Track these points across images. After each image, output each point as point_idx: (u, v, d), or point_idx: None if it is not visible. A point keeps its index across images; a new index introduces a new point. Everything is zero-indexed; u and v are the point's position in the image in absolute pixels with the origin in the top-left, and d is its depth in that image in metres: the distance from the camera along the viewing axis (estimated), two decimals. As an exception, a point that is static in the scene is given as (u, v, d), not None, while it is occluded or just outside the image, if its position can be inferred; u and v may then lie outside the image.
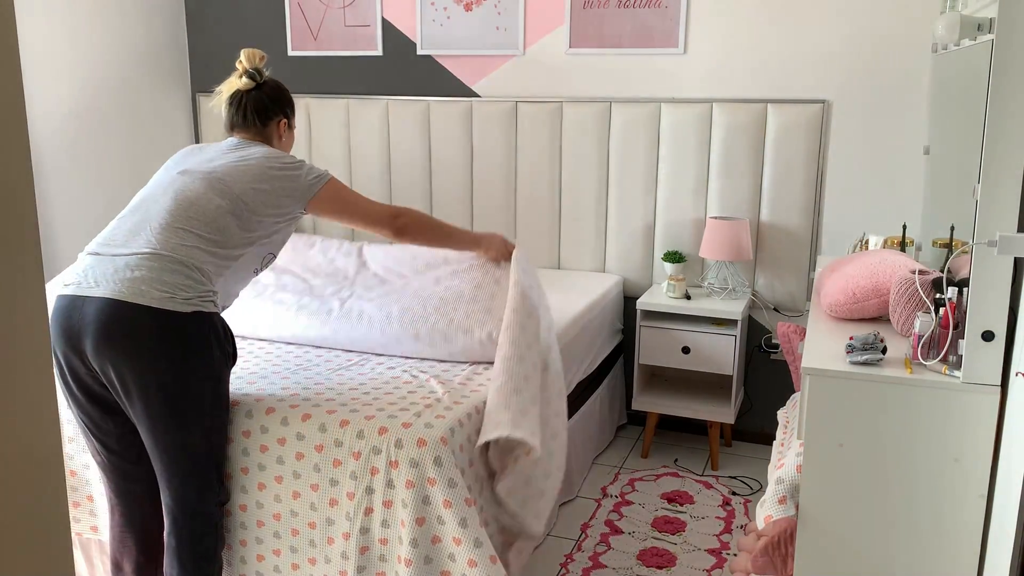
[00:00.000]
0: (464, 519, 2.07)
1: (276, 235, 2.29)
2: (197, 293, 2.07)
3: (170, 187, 2.21)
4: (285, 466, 2.20)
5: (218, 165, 2.25)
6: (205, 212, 2.14)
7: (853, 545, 1.89)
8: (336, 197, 2.32)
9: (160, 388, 2.02)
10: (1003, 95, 1.63)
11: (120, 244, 2.12)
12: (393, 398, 2.31)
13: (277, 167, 2.27)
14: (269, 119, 2.43)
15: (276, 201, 2.23)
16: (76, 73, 3.80)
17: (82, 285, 2.07)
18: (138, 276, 2.03)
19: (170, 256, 2.07)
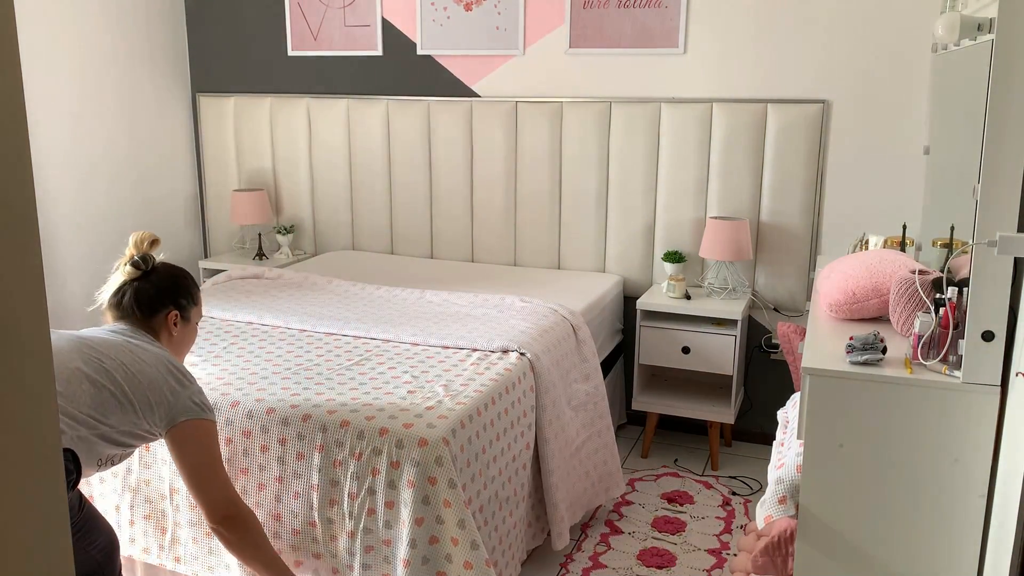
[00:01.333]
0: (462, 520, 2.07)
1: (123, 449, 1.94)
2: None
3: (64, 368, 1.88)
4: (286, 466, 2.20)
5: (94, 338, 1.97)
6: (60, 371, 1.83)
7: (853, 545, 1.89)
8: (207, 439, 1.98)
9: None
10: (1003, 95, 1.63)
11: None
12: (393, 398, 2.31)
13: (167, 369, 1.98)
14: (155, 312, 2.08)
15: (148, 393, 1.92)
16: (76, 73, 3.80)
17: None
18: None
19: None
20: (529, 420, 2.58)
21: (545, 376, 2.66)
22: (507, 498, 2.43)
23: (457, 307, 3.14)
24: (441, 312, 3.08)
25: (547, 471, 2.64)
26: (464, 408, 2.27)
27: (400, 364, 2.59)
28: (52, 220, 3.73)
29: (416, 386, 2.40)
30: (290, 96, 4.22)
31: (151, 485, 2.36)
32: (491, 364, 2.56)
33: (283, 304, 3.17)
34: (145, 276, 2.11)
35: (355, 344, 2.76)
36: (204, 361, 2.60)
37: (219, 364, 2.58)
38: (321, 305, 3.17)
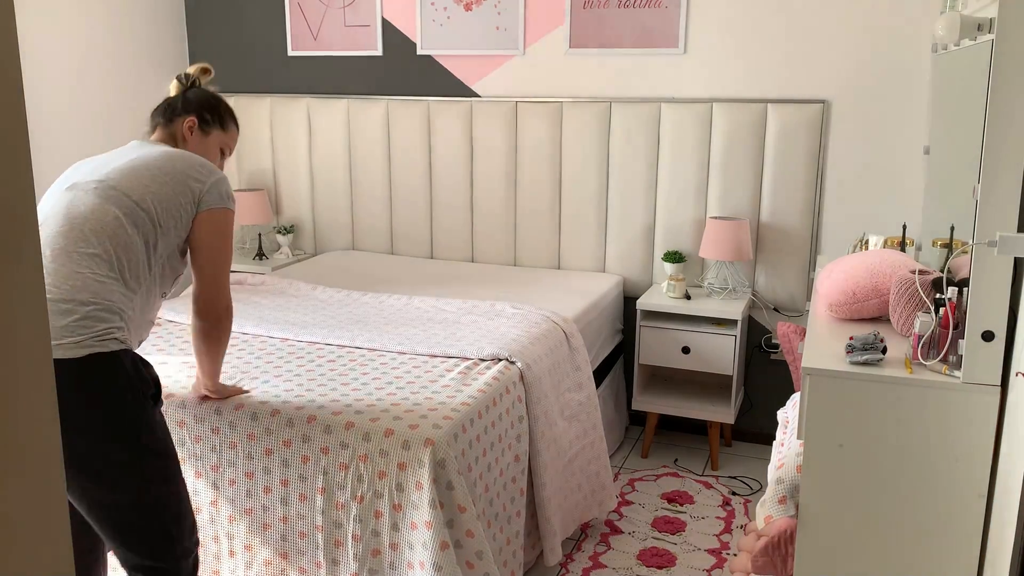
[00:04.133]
0: (471, 528, 2.06)
1: (172, 257, 1.98)
2: (92, 333, 1.76)
3: (58, 206, 1.90)
4: (290, 469, 2.19)
5: (109, 171, 1.94)
6: (102, 226, 1.85)
7: (853, 545, 1.89)
8: (223, 228, 1.99)
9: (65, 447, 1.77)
10: (1003, 95, 1.63)
11: None
12: (396, 399, 2.29)
13: (184, 165, 1.97)
14: (175, 116, 2.11)
15: (176, 204, 1.93)
16: (76, 73, 3.80)
17: None
18: None
19: (58, 292, 1.77)
20: (518, 431, 2.50)
21: (536, 386, 2.60)
22: (496, 514, 2.35)
23: (446, 314, 3.06)
24: (429, 319, 2.99)
25: (539, 484, 2.57)
26: (470, 409, 2.26)
27: (403, 365, 2.55)
28: (52, 220, 3.73)
29: (419, 387, 2.37)
30: (290, 96, 4.22)
31: None
32: (479, 374, 2.48)
33: (264, 312, 3.05)
34: (183, 91, 2.16)
35: (339, 354, 2.65)
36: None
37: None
38: (304, 312, 3.07)
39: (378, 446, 2.10)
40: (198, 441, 2.27)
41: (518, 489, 2.48)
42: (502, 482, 2.39)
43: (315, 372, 2.49)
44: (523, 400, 2.55)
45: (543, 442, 2.60)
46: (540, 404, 2.60)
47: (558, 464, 2.70)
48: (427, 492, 2.04)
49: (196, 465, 2.28)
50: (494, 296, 3.35)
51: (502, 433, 2.40)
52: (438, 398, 2.29)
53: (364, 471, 2.11)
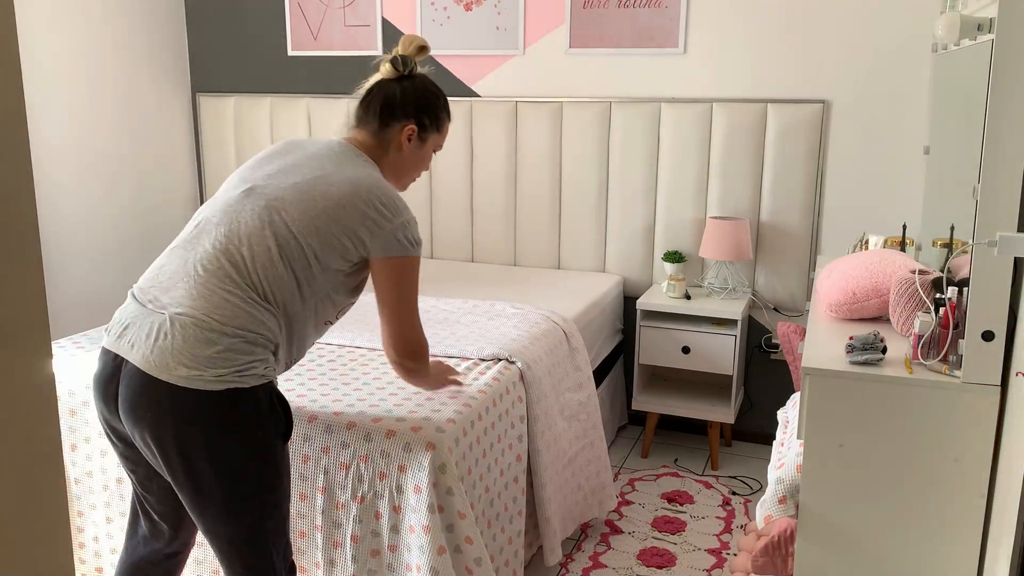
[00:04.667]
0: (470, 535, 2.06)
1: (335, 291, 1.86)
2: (235, 368, 1.70)
3: (227, 213, 1.81)
4: (291, 468, 2.18)
5: (287, 184, 1.82)
6: (258, 256, 1.75)
7: (853, 545, 1.89)
8: (404, 275, 1.87)
9: (189, 474, 1.71)
10: (1003, 95, 1.63)
11: (162, 290, 1.77)
12: (399, 399, 2.28)
13: (362, 204, 1.81)
14: (393, 120, 1.95)
15: (339, 247, 1.80)
16: (76, 73, 3.80)
17: (121, 340, 1.75)
18: (166, 345, 1.68)
19: (206, 320, 1.70)
20: (519, 432, 2.49)
21: (536, 386, 2.59)
22: (497, 514, 2.35)
23: (446, 313, 3.05)
24: (429, 319, 2.98)
25: (539, 484, 2.56)
26: (473, 410, 2.25)
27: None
28: (52, 220, 3.73)
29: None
30: (290, 96, 4.22)
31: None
32: (480, 374, 2.47)
33: None
34: (399, 80, 1.99)
35: (339, 353, 2.64)
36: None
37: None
38: None
39: (379, 447, 2.10)
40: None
41: (520, 489, 2.48)
42: (503, 482, 2.39)
43: (316, 372, 2.48)
44: (523, 400, 2.54)
45: (543, 442, 2.60)
46: (540, 404, 2.60)
47: (558, 464, 2.70)
48: (426, 496, 2.03)
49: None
50: (494, 296, 3.35)
51: (502, 434, 2.40)
52: (439, 398, 2.29)
53: (365, 472, 2.11)
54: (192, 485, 1.72)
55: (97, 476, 2.43)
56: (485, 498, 2.28)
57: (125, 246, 4.10)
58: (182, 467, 1.71)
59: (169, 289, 1.76)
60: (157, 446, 1.71)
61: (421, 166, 2.04)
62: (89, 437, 2.43)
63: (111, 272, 4.02)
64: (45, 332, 0.78)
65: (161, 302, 1.75)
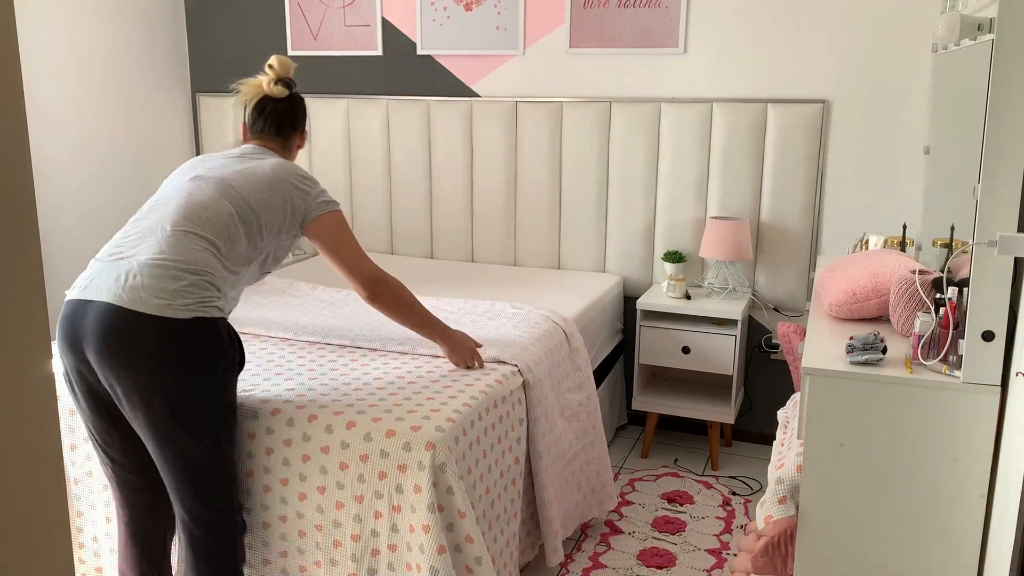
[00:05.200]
0: (470, 534, 2.06)
1: (278, 250, 2.27)
2: (198, 299, 2.01)
3: (182, 191, 2.17)
4: (291, 468, 2.18)
5: (229, 172, 2.21)
6: (217, 217, 2.11)
7: (853, 545, 1.89)
8: (335, 230, 2.27)
9: (162, 398, 1.97)
10: (1003, 95, 1.63)
11: (129, 248, 2.08)
12: (399, 399, 2.28)
13: (292, 179, 2.24)
14: (293, 130, 2.41)
15: (282, 213, 2.20)
16: (76, 73, 3.80)
17: (87, 290, 2.03)
18: (139, 283, 1.98)
19: (174, 263, 2.02)
20: (519, 434, 2.48)
21: (537, 388, 2.58)
22: (497, 516, 2.34)
23: (445, 314, 3.01)
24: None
25: (540, 486, 2.55)
26: (473, 410, 2.25)
27: (406, 364, 2.54)
28: (52, 220, 3.73)
29: (422, 386, 2.36)
30: (290, 96, 4.21)
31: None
32: (483, 374, 2.46)
33: (265, 312, 3.04)
34: (289, 98, 2.39)
35: (340, 353, 2.64)
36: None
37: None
38: (304, 312, 3.05)
39: (379, 446, 2.10)
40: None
41: (516, 492, 2.48)
42: (503, 484, 2.38)
43: (316, 371, 2.48)
44: (523, 403, 2.54)
45: (544, 444, 2.59)
46: (541, 406, 2.60)
47: (559, 465, 2.69)
48: (426, 496, 2.03)
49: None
50: (494, 296, 3.35)
51: (502, 435, 2.39)
52: (440, 398, 2.29)
53: (365, 471, 2.11)
54: (164, 409, 1.98)
55: (97, 476, 2.43)
56: (486, 499, 2.28)
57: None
58: (155, 392, 1.97)
59: (137, 245, 2.08)
60: (130, 375, 1.96)
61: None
62: (88, 437, 2.43)
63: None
64: (45, 332, 0.78)
65: (127, 255, 2.06)
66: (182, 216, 2.10)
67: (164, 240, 2.06)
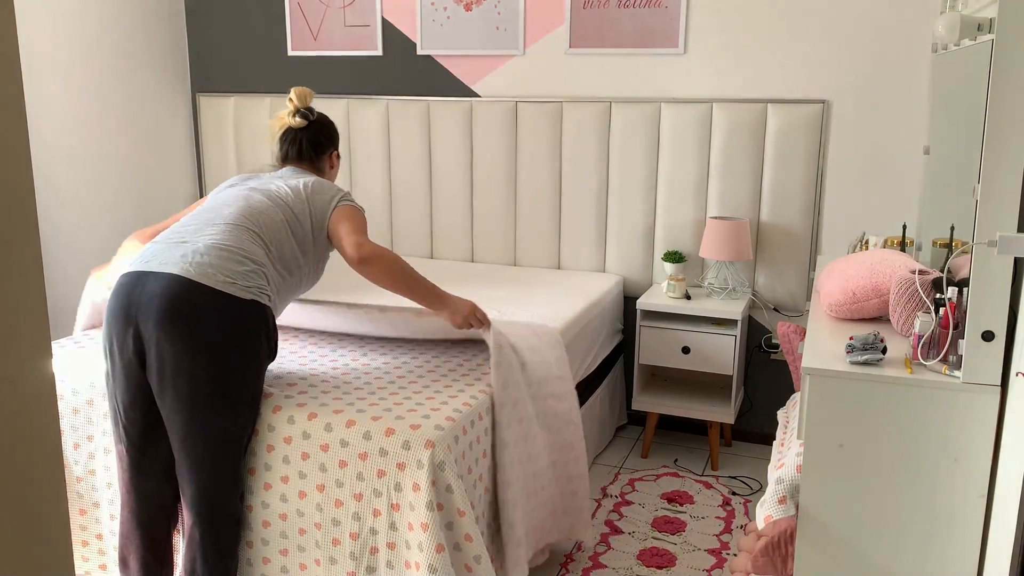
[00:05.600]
0: (470, 532, 2.06)
1: (320, 261, 2.43)
2: (257, 285, 2.16)
3: (240, 198, 2.32)
4: (291, 466, 2.19)
5: (277, 188, 2.39)
6: (272, 222, 2.27)
7: (853, 545, 1.89)
8: (351, 213, 2.40)
9: (210, 370, 2.07)
10: (1003, 95, 1.63)
11: (190, 234, 2.21)
12: (399, 398, 2.29)
13: (323, 189, 2.42)
14: (323, 152, 2.59)
15: (319, 220, 2.35)
16: (76, 73, 3.80)
17: (150, 263, 2.13)
18: (206, 260, 2.11)
19: (238, 249, 2.17)
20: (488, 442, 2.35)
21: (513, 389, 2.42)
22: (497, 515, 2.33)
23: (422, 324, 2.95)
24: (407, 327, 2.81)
25: (503, 482, 2.31)
26: (472, 409, 2.25)
27: (406, 364, 2.54)
28: (52, 220, 3.73)
29: (422, 386, 2.37)
30: (290, 96, 4.21)
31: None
32: (481, 376, 2.43)
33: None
34: (310, 125, 2.57)
35: (340, 353, 2.65)
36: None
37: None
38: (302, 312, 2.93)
39: (378, 444, 2.10)
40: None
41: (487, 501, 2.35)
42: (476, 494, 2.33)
43: (316, 369, 2.49)
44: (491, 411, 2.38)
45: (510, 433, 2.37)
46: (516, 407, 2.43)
47: (528, 468, 2.47)
48: (425, 494, 2.03)
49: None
50: (494, 296, 3.35)
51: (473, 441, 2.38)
52: (440, 397, 2.29)
53: (364, 469, 2.11)
54: (208, 383, 2.07)
55: (100, 475, 2.43)
56: (485, 499, 2.28)
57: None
58: (205, 365, 2.06)
59: (197, 233, 2.21)
60: (185, 343, 2.04)
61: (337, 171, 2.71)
62: (92, 435, 2.43)
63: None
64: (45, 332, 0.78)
65: (189, 239, 2.19)
66: (242, 215, 2.26)
67: (227, 230, 2.21)
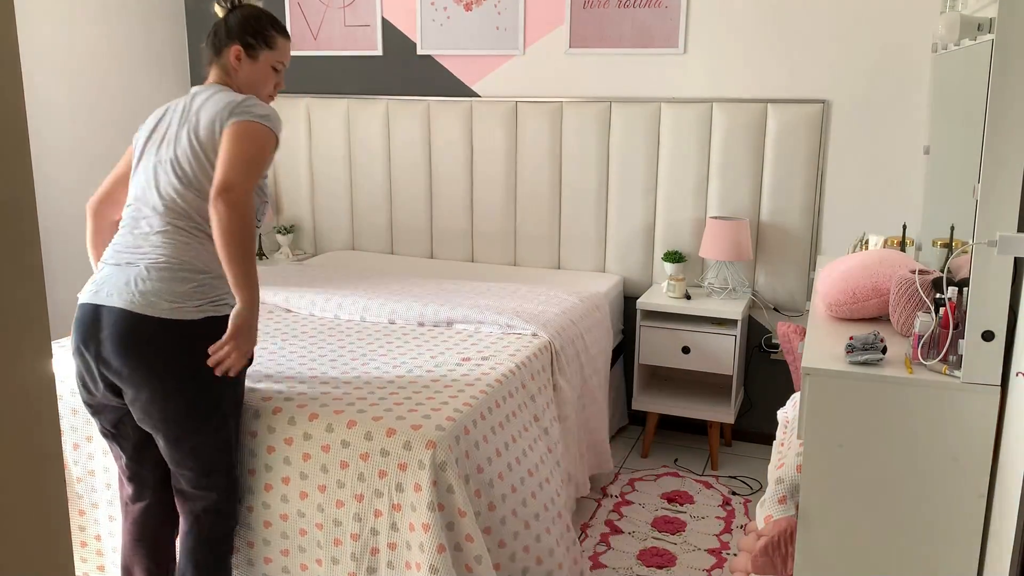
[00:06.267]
0: (470, 533, 2.06)
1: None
2: (208, 298, 2.04)
3: (152, 183, 2.09)
4: (291, 467, 2.18)
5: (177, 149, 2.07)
6: (189, 204, 2.05)
7: (853, 545, 1.89)
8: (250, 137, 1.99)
9: (176, 393, 2.02)
10: (1003, 95, 1.63)
11: (129, 251, 2.08)
12: (399, 398, 2.28)
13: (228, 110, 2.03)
14: (221, 47, 2.16)
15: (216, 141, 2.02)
16: (76, 73, 3.80)
17: (99, 294, 2.05)
18: (148, 288, 2.01)
19: (177, 264, 2.03)
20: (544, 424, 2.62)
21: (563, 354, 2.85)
22: (536, 514, 2.32)
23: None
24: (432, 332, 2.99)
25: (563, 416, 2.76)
26: (474, 409, 2.25)
27: (407, 364, 2.55)
28: (52, 220, 3.73)
29: (422, 386, 2.36)
30: (290, 96, 4.22)
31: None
32: (481, 376, 2.46)
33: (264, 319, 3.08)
34: (228, 13, 2.18)
35: (340, 354, 2.67)
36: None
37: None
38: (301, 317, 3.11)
39: (379, 445, 2.10)
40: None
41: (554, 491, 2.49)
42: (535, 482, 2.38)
43: (317, 370, 2.49)
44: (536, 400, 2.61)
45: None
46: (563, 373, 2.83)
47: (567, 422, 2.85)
48: (426, 494, 2.03)
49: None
50: (494, 296, 3.35)
51: (515, 434, 2.39)
52: (440, 397, 2.29)
53: (365, 470, 2.11)
54: (173, 401, 2.02)
55: (99, 475, 2.43)
56: (513, 497, 2.28)
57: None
58: (171, 386, 2.01)
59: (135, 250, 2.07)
60: (146, 373, 2.00)
61: (267, 81, 2.21)
62: (91, 436, 2.43)
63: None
64: (45, 332, 0.78)
65: (131, 259, 2.06)
66: (161, 216, 2.05)
67: (157, 246, 2.04)
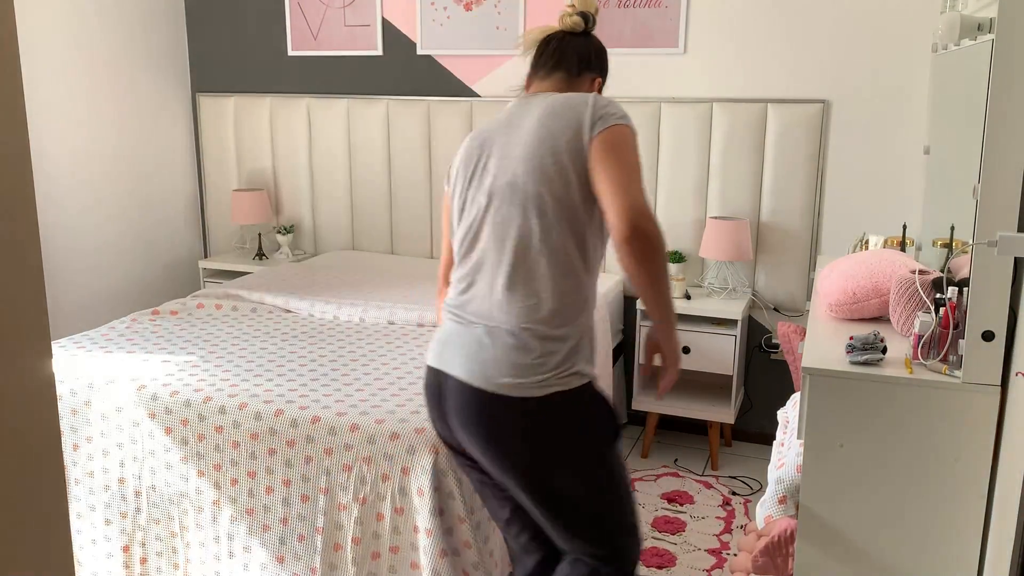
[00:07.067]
0: (468, 539, 2.06)
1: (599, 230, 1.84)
2: (554, 371, 1.70)
3: (493, 228, 1.76)
4: (293, 469, 2.18)
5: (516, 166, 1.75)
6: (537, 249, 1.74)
7: (853, 545, 1.89)
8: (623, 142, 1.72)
9: (524, 478, 1.74)
10: (1003, 95, 1.63)
11: (473, 306, 1.78)
12: (400, 400, 2.28)
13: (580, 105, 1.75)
14: (585, 70, 1.94)
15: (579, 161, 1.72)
16: (76, 73, 3.80)
17: (443, 357, 1.79)
18: (487, 357, 1.71)
19: (517, 330, 1.71)
20: None
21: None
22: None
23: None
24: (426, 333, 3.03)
25: None
26: None
27: (407, 364, 2.56)
28: (52, 220, 3.73)
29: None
30: (290, 96, 4.22)
31: (160, 524, 2.36)
32: None
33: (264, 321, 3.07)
34: (585, 35, 1.97)
35: (340, 354, 2.68)
36: (205, 361, 2.60)
37: (221, 364, 2.57)
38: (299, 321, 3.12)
39: (382, 449, 2.10)
40: (201, 439, 2.27)
41: None
42: None
43: (319, 373, 2.49)
44: None
45: None
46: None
47: None
48: (429, 499, 2.03)
49: (198, 463, 2.29)
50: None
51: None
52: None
53: (367, 473, 2.11)
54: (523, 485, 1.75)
55: (99, 476, 2.43)
56: None
57: (125, 246, 4.10)
58: (514, 470, 1.73)
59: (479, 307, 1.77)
60: (490, 453, 1.73)
61: None
62: (91, 436, 2.43)
63: (111, 272, 4.02)
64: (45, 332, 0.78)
65: (473, 319, 1.77)
66: (508, 276, 1.74)
67: (499, 308, 1.74)
